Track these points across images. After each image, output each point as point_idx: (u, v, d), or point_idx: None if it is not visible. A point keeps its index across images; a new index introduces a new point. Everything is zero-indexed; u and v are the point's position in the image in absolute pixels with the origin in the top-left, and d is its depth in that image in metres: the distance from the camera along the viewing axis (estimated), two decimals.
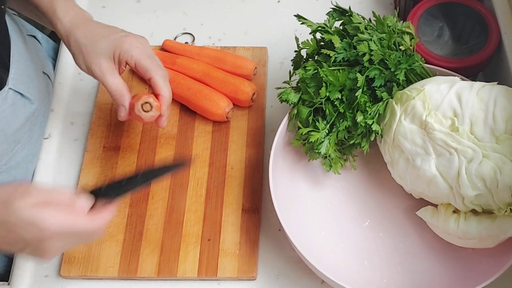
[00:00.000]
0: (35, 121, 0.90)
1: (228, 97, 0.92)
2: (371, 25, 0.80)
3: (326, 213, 0.84)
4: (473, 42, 0.89)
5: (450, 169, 0.72)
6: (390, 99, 0.79)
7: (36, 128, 0.91)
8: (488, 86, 0.75)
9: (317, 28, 0.81)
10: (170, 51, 0.98)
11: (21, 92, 0.84)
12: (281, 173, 0.82)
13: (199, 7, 1.06)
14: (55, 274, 0.83)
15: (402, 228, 0.83)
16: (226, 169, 0.89)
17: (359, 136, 0.80)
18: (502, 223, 0.72)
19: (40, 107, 0.91)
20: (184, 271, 0.81)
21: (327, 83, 0.77)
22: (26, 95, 0.85)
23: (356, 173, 0.87)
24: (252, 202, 0.86)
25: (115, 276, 0.82)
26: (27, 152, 0.89)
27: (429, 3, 0.91)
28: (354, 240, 0.82)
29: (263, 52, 0.98)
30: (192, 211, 0.86)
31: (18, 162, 0.87)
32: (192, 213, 0.85)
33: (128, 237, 0.84)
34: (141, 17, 1.06)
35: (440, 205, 0.77)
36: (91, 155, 0.90)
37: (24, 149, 0.88)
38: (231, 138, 0.91)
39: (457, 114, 0.73)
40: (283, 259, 0.83)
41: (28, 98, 0.85)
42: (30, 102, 0.86)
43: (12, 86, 0.82)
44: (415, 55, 0.80)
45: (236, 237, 0.83)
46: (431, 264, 0.80)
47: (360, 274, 0.79)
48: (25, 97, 0.85)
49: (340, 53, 0.78)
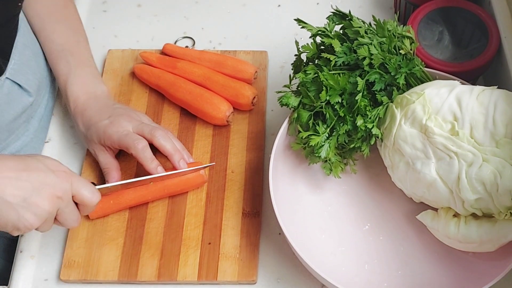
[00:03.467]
0: (33, 113, 0.91)
1: (229, 101, 0.92)
2: (371, 29, 0.81)
3: (326, 216, 0.84)
4: (473, 46, 0.90)
5: (450, 173, 0.72)
6: (390, 103, 0.79)
7: (34, 121, 0.91)
8: (488, 90, 0.75)
9: (317, 32, 0.81)
10: (171, 55, 0.98)
11: (18, 82, 0.86)
12: (281, 177, 0.82)
13: (199, 11, 1.07)
14: (54, 278, 0.83)
15: (403, 231, 0.83)
16: (227, 172, 0.89)
17: (359, 140, 0.80)
18: (503, 227, 0.72)
19: (40, 100, 0.92)
20: (184, 275, 0.81)
21: (327, 87, 0.77)
22: (24, 86, 0.86)
23: (357, 177, 0.87)
24: (252, 205, 0.86)
25: (115, 280, 0.82)
26: (21, 144, 0.89)
27: (429, 7, 0.91)
28: (354, 243, 0.82)
29: (264, 56, 0.99)
30: (193, 214, 0.86)
31: (12, 153, 0.88)
32: (193, 217, 0.85)
33: (128, 241, 0.84)
34: (142, 21, 1.06)
35: (441, 209, 0.77)
36: (91, 158, 0.90)
37: (19, 140, 0.89)
38: (231, 142, 0.91)
39: (457, 118, 0.73)
40: (284, 263, 0.83)
41: (26, 89, 0.87)
42: (28, 94, 0.87)
43: (10, 76, 0.85)
44: (415, 59, 0.80)
45: (236, 240, 0.83)
46: (431, 268, 0.79)
47: (360, 277, 0.79)
48: (23, 88, 0.87)
49: (340, 57, 0.78)
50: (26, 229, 0.70)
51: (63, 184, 0.72)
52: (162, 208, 0.86)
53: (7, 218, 0.69)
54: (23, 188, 0.69)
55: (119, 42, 1.03)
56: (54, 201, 0.71)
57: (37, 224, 0.70)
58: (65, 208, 0.72)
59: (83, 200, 0.74)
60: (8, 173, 0.69)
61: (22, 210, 0.69)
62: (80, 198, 0.74)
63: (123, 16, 1.06)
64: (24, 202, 0.69)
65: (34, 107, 0.91)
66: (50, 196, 0.70)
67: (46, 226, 0.72)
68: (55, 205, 0.71)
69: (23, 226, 0.70)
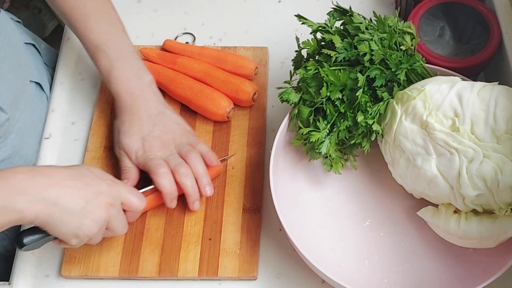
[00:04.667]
0: (11, 129, 0.88)
1: (229, 97, 0.92)
2: (372, 25, 0.80)
3: (326, 212, 0.84)
4: (474, 42, 0.89)
5: (451, 169, 0.72)
6: (390, 99, 0.79)
7: (12, 137, 0.88)
8: (489, 86, 0.75)
9: (318, 28, 0.81)
10: (171, 51, 0.98)
11: None
12: (281, 173, 0.82)
13: (200, 7, 1.06)
14: (55, 274, 0.83)
15: (403, 228, 0.83)
16: (227, 168, 0.89)
17: (359, 136, 0.80)
18: (503, 223, 0.72)
19: (17, 117, 0.88)
20: (185, 270, 0.81)
21: (328, 83, 0.77)
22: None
23: (357, 173, 0.87)
24: (252, 201, 0.86)
25: (116, 275, 0.82)
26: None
27: (430, 3, 0.91)
28: (354, 239, 0.82)
29: (264, 52, 0.99)
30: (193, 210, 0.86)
31: None
32: (193, 213, 0.85)
33: (128, 236, 0.84)
34: (142, 16, 1.06)
35: (441, 205, 0.77)
36: (92, 155, 0.91)
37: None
38: (232, 138, 0.91)
39: (458, 114, 0.73)
40: (284, 259, 0.83)
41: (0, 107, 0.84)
42: (1, 111, 0.84)
43: None
44: (416, 55, 0.80)
45: (237, 236, 0.84)
46: (431, 264, 0.80)
47: (360, 273, 0.79)
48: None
49: (341, 53, 0.78)
50: (85, 236, 0.72)
51: (114, 192, 0.74)
52: (162, 204, 0.86)
53: (68, 226, 0.71)
54: (82, 196, 0.71)
55: None
56: (108, 208, 0.73)
57: (95, 231, 0.73)
58: (116, 214, 0.75)
59: (132, 206, 0.77)
60: (67, 182, 0.71)
61: (82, 218, 0.71)
62: (129, 204, 0.76)
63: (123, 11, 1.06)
64: (84, 209, 0.71)
65: (11, 123, 0.87)
66: (105, 204, 0.73)
67: (98, 234, 0.74)
68: (109, 212, 0.74)
69: (83, 233, 0.72)
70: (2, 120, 0.85)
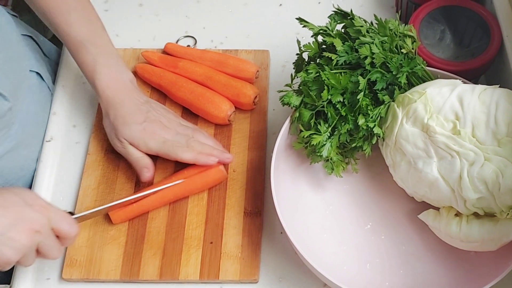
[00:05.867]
0: (13, 119, 0.88)
1: (230, 100, 0.92)
2: (372, 28, 0.81)
3: (328, 216, 0.84)
4: (475, 45, 0.89)
5: (452, 172, 0.72)
6: (391, 102, 0.79)
7: (15, 126, 0.88)
8: (490, 89, 0.75)
9: (319, 31, 0.81)
10: (172, 54, 0.98)
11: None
12: (283, 176, 0.82)
13: (201, 10, 1.07)
14: (57, 277, 0.83)
15: (404, 231, 0.83)
16: (228, 172, 0.89)
17: (360, 139, 0.80)
18: (504, 226, 0.72)
19: (19, 106, 0.89)
20: (186, 274, 0.81)
21: (329, 86, 0.77)
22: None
23: (358, 176, 0.87)
24: (254, 205, 0.86)
25: (117, 279, 0.82)
26: (3, 150, 0.87)
27: (431, 6, 0.91)
28: (356, 243, 0.82)
29: (265, 55, 0.99)
30: (194, 213, 0.86)
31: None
32: (194, 216, 0.85)
33: (130, 239, 0.84)
34: (144, 20, 1.06)
35: (442, 208, 0.77)
36: (93, 158, 0.91)
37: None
38: (233, 141, 0.91)
39: (458, 117, 0.73)
40: (285, 262, 0.83)
41: (1, 94, 0.84)
42: (3, 99, 0.84)
43: None
44: (417, 58, 0.80)
45: (238, 240, 0.83)
46: (433, 267, 0.79)
47: (362, 276, 0.79)
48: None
49: (342, 56, 0.78)
50: (4, 263, 0.71)
51: (41, 218, 0.72)
52: (163, 207, 0.86)
53: None
54: (1, 223, 0.69)
55: (121, 41, 1.03)
56: (31, 235, 0.71)
57: (16, 258, 0.71)
58: (45, 241, 0.73)
59: (61, 232, 0.74)
60: None
61: (0, 245, 0.69)
62: (59, 231, 0.74)
63: (125, 15, 1.06)
64: (1, 236, 0.69)
65: (14, 112, 0.87)
66: (28, 231, 0.70)
67: (28, 260, 0.73)
68: (33, 239, 0.71)
69: (1, 260, 0.70)
70: (5, 109, 0.85)
